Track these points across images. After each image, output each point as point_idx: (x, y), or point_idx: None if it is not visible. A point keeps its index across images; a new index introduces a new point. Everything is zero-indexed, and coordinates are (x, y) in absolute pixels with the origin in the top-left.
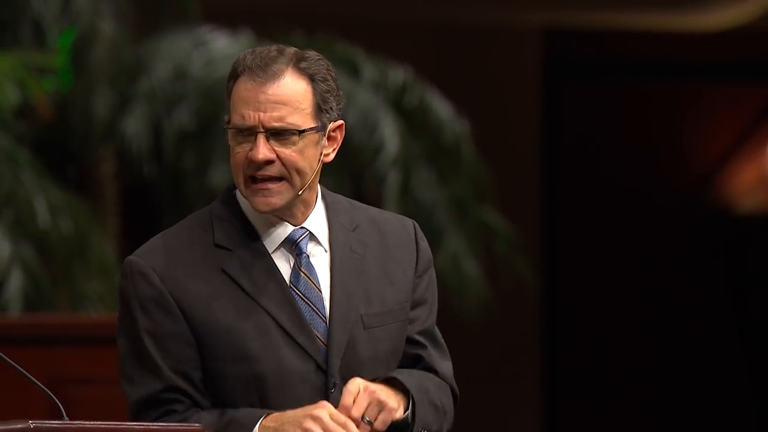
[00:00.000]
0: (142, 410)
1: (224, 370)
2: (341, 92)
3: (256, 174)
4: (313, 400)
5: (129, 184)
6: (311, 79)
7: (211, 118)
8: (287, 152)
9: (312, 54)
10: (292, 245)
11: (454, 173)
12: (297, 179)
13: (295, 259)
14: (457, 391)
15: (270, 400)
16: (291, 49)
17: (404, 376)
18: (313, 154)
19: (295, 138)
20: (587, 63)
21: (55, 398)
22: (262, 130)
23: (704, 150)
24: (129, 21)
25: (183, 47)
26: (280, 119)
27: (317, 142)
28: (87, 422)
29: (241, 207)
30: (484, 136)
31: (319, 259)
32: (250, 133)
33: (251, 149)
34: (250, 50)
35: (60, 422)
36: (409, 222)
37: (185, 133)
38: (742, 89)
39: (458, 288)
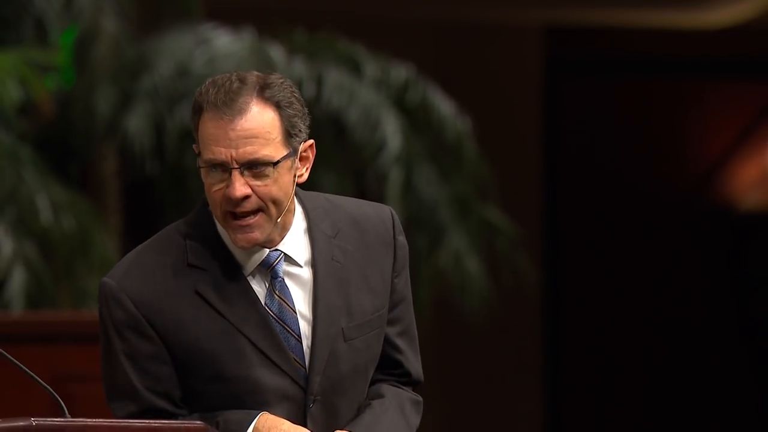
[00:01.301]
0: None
1: (202, 388)
2: (306, 110)
3: (234, 210)
4: (290, 418)
5: (131, 181)
6: (277, 106)
7: None
8: (262, 185)
9: (274, 78)
10: (267, 268)
11: (456, 171)
12: (273, 209)
13: (270, 283)
14: (422, 380)
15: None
16: (253, 77)
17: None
18: (288, 181)
19: (270, 170)
20: (589, 60)
21: (57, 396)
22: (236, 166)
23: (706, 147)
24: (131, 18)
25: (185, 45)
26: (253, 153)
27: (290, 168)
28: (89, 419)
29: (216, 227)
30: (486, 134)
31: (298, 277)
32: (224, 169)
33: (227, 186)
34: (210, 81)
35: (62, 419)
36: (387, 214)
37: (187, 131)
38: (743, 87)
39: (460, 285)
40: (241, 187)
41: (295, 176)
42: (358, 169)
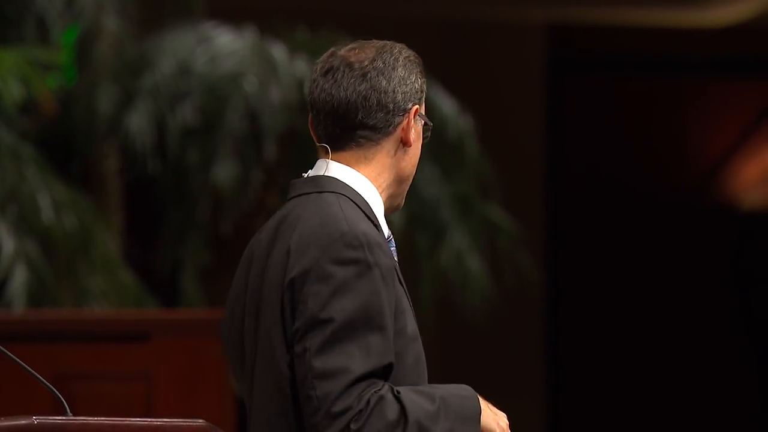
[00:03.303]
0: (362, 383)
1: (405, 347)
2: None
3: None
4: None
5: (133, 180)
6: None
7: (214, 114)
8: None
9: None
10: (387, 239)
11: (458, 169)
12: None
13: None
14: None
15: (422, 381)
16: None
17: None
18: None
19: None
20: (590, 59)
21: (58, 394)
22: None
23: (708, 146)
24: (132, 17)
25: (187, 43)
26: None
27: None
28: (90, 418)
29: (364, 198)
30: (488, 132)
31: None
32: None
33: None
34: (403, 46)
35: (63, 418)
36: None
37: (189, 129)
38: (745, 86)
39: (462, 284)
40: None
41: None
42: None
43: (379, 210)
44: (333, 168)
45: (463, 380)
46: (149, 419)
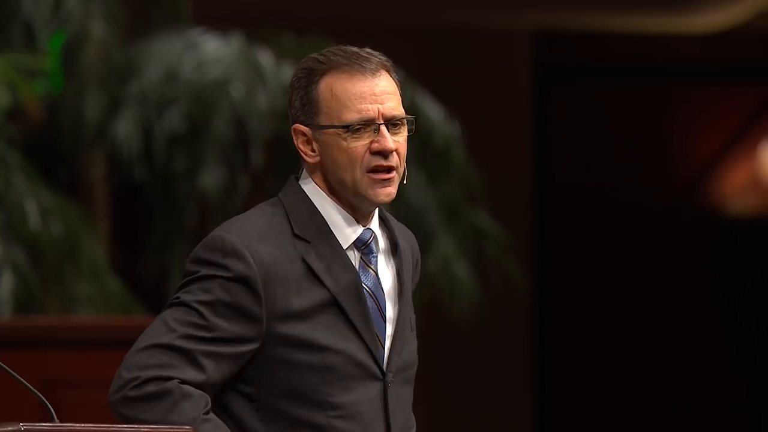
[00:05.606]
0: (151, 351)
1: (294, 356)
2: None
3: (383, 163)
4: (372, 397)
5: (119, 186)
6: (392, 71)
7: (201, 120)
8: (400, 142)
9: (369, 49)
10: (363, 245)
11: (445, 176)
12: (401, 169)
13: (364, 258)
14: None
15: (334, 390)
16: (354, 47)
17: None
18: None
19: (403, 128)
20: (577, 65)
21: (46, 401)
22: (382, 121)
23: (694, 153)
24: (120, 23)
25: (174, 50)
26: (395, 109)
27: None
28: (78, 425)
29: (313, 203)
30: (475, 139)
31: (383, 259)
32: (368, 126)
33: (374, 141)
34: (319, 53)
35: (51, 425)
36: (412, 234)
37: (176, 136)
38: (731, 92)
39: (449, 290)
40: (392, 139)
41: None
42: None
43: (335, 216)
44: (303, 175)
45: (450, 386)
46: (136, 425)
